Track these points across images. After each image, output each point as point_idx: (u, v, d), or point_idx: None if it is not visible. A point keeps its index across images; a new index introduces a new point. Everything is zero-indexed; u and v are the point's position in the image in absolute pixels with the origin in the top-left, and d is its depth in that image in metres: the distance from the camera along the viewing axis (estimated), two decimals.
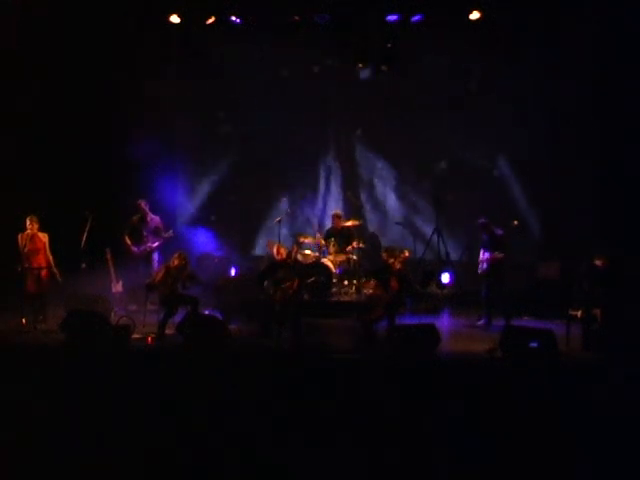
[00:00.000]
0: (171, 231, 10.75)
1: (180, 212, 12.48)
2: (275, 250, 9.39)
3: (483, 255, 9.82)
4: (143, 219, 10.61)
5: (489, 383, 7.35)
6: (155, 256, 10.60)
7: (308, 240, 10.98)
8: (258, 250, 12.20)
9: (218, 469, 5.50)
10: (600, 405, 6.46)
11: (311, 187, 12.38)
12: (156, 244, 10.55)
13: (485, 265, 9.73)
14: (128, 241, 10.55)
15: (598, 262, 8.76)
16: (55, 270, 9.58)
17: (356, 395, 6.82)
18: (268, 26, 10.96)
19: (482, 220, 9.88)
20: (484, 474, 5.50)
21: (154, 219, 10.70)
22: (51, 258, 9.60)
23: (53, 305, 9.58)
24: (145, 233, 10.56)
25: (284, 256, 9.28)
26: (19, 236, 9.50)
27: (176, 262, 9.15)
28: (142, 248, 10.53)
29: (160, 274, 9.15)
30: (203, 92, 12.32)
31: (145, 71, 11.60)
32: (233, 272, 11.41)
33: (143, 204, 10.63)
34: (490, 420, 6.33)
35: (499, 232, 9.79)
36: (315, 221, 11.19)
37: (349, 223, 11.08)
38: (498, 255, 9.60)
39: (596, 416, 6.28)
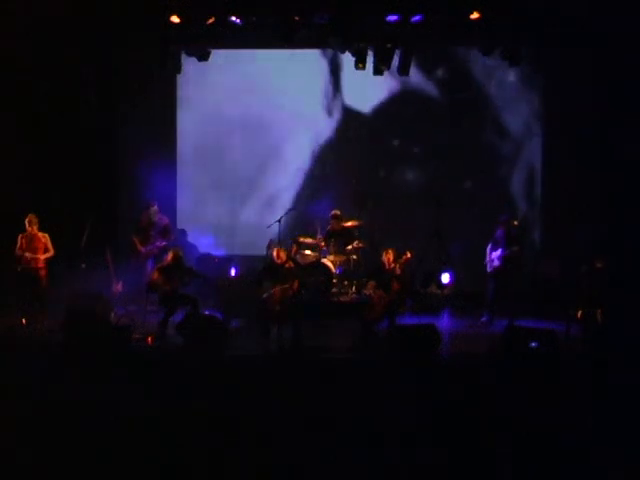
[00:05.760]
0: (174, 235, 10.88)
1: (180, 212, 12.46)
2: (275, 254, 9.37)
3: (492, 253, 9.81)
4: (152, 219, 10.65)
5: (489, 383, 7.35)
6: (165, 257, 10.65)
7: (308, 241, 10.97)
8: (258, 250, 12.16)
9: (218, 469, 5.49)
10: (600, 405, 6.47)
11: (313, 187, 12.35)
12: (163, 244, 10.57)
13: (497, 262, 9.73)
14: (136, 241, 10.58)
15: (599, 264, 8.76)
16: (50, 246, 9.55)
17: (356, 395, 6.82)
18: (268, 26, 10.94)
19: (505, 216, 9.88)
20: (484, 474, 5.50)
21: (163, 219, 10.77)
22: (52, 252, 9.57)
23: (53, 305, 9.58)
24: (152, 233, 10.61)
25: (284, 259, 9.28)
26: (19, 236, 9.50)
27: (170, 258, 9.21)
28: (149, 248, 10.56)
29: (156, 274, 9.19)
30: (202, 91, 12.34)
31: (146, 70, 11.60)
32: (233, 272, 11.41)
33: (155, 206, 10.69)
34: (490, 420, 6.33)
35: (499, 232, 9.82)
36: (317, 222, 11.17)
37: (349, 223, 11.06)
38: (515, 249, 9.61)
39: (596, 416, 6.28)
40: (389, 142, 12.20)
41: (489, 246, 9.93)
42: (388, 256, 9.14)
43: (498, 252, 9.75)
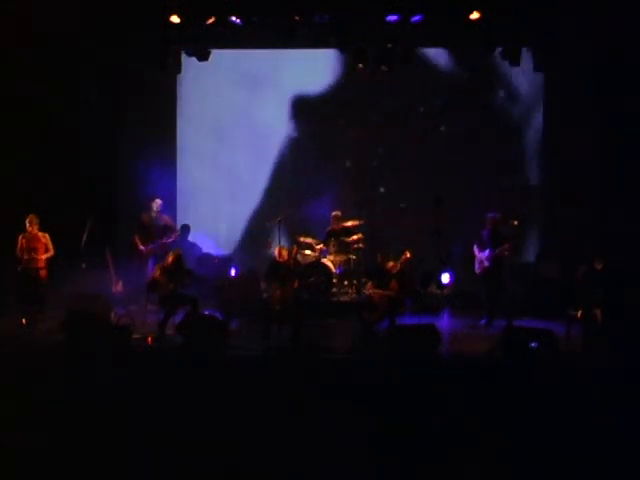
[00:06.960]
0: (176, 233, 10.85)
1: (181, 211, 12.46)
2: (277, 252, 9.39)
3: (480, 253, 9.79)
4: (153, 218, 10.64)
5: (489, 383, 7.36)
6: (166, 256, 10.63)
7: (308, 241, 10.97)
8: (257, 250, 12.16)
9: (218, 469, 5.50)
10: (600, 405, 6.47)
11: (313, 187, 12.35)
12: (165, 241, 10.53)
13: (487, 263, 9.71)
14: (137, 240, 10.57)
15: (598, 264, 8.77)
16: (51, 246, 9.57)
17: (356, 395, 6.82)
18: (268, 26, 10.95)
19: (492, 214, 9.84)
20: (484, 474, 5.50)
21: (163, 218, 10.75)
22: (52, 252, 9.58)
23: (53, 305, 9.57)
24: (154, 231, 10.58)
25: (286, 258, 9.30)
26: (19, 236, 9.50)
27: (170, 259, 9.23)
28: (151, 246, 10.54)
29: (156, 274, 9.19)
30: (202, 91, 12.35)
31: (146, 70, 11.59)
32: (233, 272, 11.42)
33: (157, 203, 10.67)
34: (490, 420, 6.34)
35: (485, 232, 9.81)
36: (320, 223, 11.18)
37: (349, 223, 11.06)
38: (505, 247, 9.59)
39: (596, 416, 6.29)
40: (389, 142, 12.19)
41: (475, 246, 9.90)
42: (389, 265, 9.13)
43: (486, 252, 9.72)
